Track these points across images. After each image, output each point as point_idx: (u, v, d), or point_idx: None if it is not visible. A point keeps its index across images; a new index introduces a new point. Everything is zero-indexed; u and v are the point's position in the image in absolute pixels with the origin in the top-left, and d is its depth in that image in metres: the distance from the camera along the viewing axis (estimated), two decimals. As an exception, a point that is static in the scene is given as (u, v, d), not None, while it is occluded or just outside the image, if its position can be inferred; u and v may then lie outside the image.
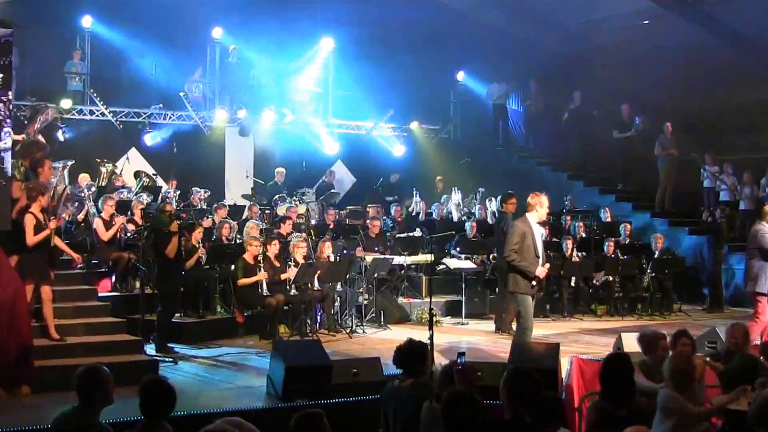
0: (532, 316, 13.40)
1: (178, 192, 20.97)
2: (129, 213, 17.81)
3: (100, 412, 7.41)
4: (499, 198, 19.12)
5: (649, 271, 19.78)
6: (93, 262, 16.80)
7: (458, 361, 8.05)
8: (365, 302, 18.13)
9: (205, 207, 20.56)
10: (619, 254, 20.29)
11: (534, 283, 13.22)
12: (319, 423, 6.51)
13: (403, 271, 20.00)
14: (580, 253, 20.24)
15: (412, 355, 8.47)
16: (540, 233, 13.51)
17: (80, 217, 17.34)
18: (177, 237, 14.89)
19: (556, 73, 27.59)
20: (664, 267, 19.92)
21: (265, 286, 16.41)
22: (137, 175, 21.41)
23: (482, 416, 6.59)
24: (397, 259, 19.39)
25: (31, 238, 12.92)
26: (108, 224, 16.89)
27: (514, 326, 15.95)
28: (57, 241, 13.43)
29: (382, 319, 18.07)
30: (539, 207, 13.35)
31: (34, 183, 13.70)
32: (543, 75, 27.92)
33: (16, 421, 10.43)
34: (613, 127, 25.22)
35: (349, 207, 24.05)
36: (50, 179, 14.63)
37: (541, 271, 13.23)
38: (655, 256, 20.13)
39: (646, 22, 26.24)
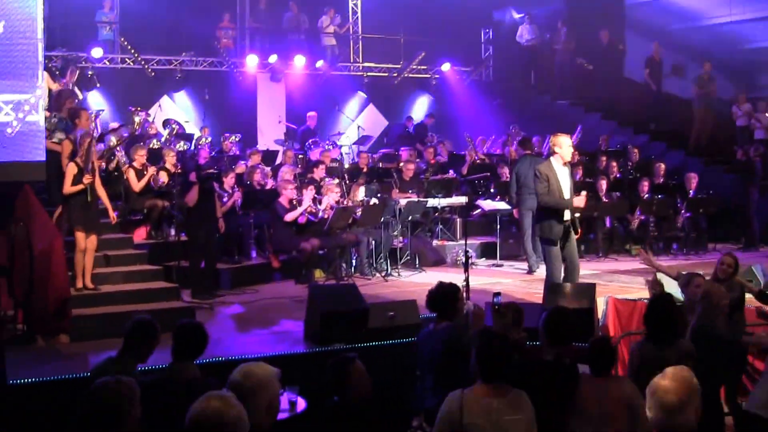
0: (559, 265, 13.19)
1: (210, 138, 20.96)
2: (161, 161, 17.81)
3: (136, 364, 7.44)
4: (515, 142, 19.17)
5: (683, 210, 19.67)
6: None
7: (494, 300, 8.03)
8: (400, 245, 18.12)
9: (237, 153, 20.53)
10: (654, 194, 20.17)
11: (567, 217, 13.03)
12: (353, 366, 6.54)
13: (437, 214, 19.97)
14: (614, 193, 20.14)
15: (444, 298, 8.45)
16: (566, 175, 13.16)
17: (111, 166, 17.37)
18: (197, 187, 14.88)
19: (587, 13, 27.30)
20: (698, 206, 19.78)
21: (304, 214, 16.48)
22: (165, 123, 21.40)
23: (513, 357, 6.58)
24: (432, 202, 19.33)
25: (67, 188, 13.03)
26: (140, 173, 16.88)
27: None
28: (102, 195, 13.52)
29: (417, 262, 18.09)
30: (558, 148, 13.15)
31: (80, 132, 13.79)
32: (573, 15, 27.63)
33: (56, 370, 10.52)
34: (645, 66, 25.00)
35: (381, 150, 23.98)
36: (89, 128, 14.67)
37: (580, 200, 13.06)
38: (690, 195, 19.99)
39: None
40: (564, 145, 13.16)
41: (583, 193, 13.39)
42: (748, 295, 10.37)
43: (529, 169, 16.98)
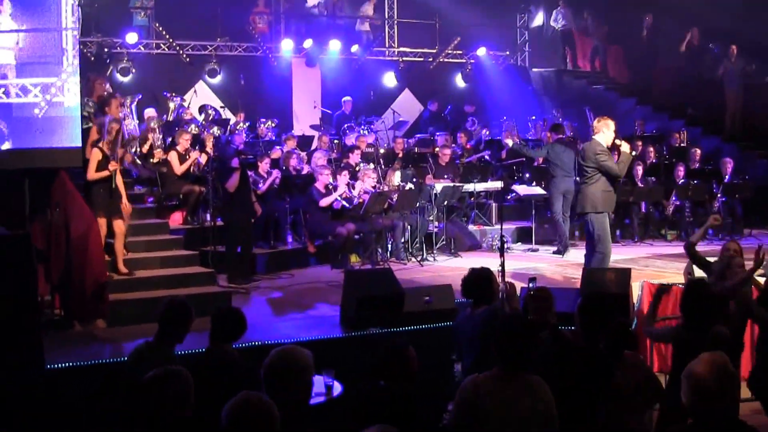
0: (610, 239, 13.43)
1: (247, 124, 20.99)
2: (199, 146, 17.85)
3: (174, 347, 7.47)
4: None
5: (719, 195, 19.57)
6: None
7: (530, 286, 8.02)
8: (435, 230, 18.12)
9: (273, 138, 20.55)
10: (690, 180, 20.08)
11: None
12: (407, 352, 6.57)
13: (472, 199, 19.93)
14: (650, 179, 20.06)
15: (478, 283, 8.44)
16: None
17: (144, 149, 17.42)
18: (238, 173, 14.93)
19: None
20: (734, 192, 19.68)
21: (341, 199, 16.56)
22: (201, 109, 21.42)
23: (534, 343, 6.55)
24: (467, 187, 19.30)
25: (92, 173, 13.14)
26: (183, 158, 16.95)
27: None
28: (119, 182, 13.55)
29: (453, 247, 18.07)
30: (605, 129, 13.46)
31: (103, 120, 13.84)
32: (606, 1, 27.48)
33: (93, 354, 10.62)
34: (683, 52, 24.82)
35: (417, 135, 23.94)
36: (118, 116, 14.72)
37: (626, 145, 13.63)
38: (725, 180, 19.88)
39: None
40: (610, 128, 13.59)
41: (623, 142, 13.78)
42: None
43: (563, 153, 17.21)
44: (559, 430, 6.12)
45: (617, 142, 13.56)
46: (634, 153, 13.66)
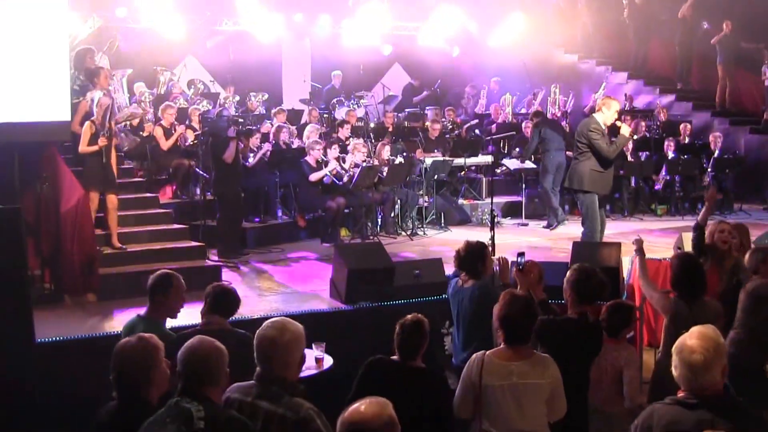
0: (599, 217, 13.45)
1: (236, 98, 20.94)
2: (187, 120, 17.83)
3: (165, 320, 7.46)
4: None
5: (709, 170, 19.61)
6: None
7: (518, 261, 8.01)
8: (426, 204, 18.14)
9: (263, 112, 20.51)
10: (680, 154, 20.12)
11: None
12: (423, 327, 6.59)
13: (462, 173, 19.95)
14: (640, 153, 20.10)
15: (472, 256, 8.46)
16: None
17: (135, 122, 17.37)
18: (235, 142, 14.91)
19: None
20: (724, 166, 19.73)
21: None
22: (190, 84, 21.35)
23: (536, 318, 6.59)
24: (457, 161, 19.31)
25: (84, 147, 13.14)
26: (168, 132, 16.90)
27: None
28: (111, 157, 13.48)
29: (443, 221, 18.11)
30: (606, 109, 13.50)
31: (97, 93, 13.81)
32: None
33: (84, 328, 10.62)
34: (676, 27, 24.77)
35: (407, 110, 23.91)
36: (107, 88, 14.67)
37: (626, 128, 13.85)
38: (715, 155, 19.92)
39: None
40: (612, 109, 13.56)
41: (624, 124, 14.08)
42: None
43: (551, 132, 17.53)
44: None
45: (618, 123, 13.62)
46: (634, 137, 13.72)
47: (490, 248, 10.94)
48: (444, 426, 6.40)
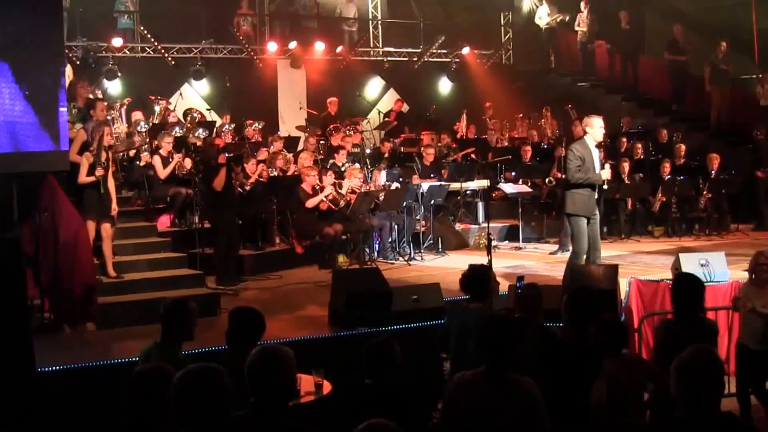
0: (586, 240, 13.42)
1: (233, 125, 20.99)
2: (185, 149, 17.87)
3: (182, 346, 7.46)
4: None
5: (705, 191, 19.64)
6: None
7: (517, 285, 8.07)
8: (422, 229, 18.17)
9: (260, 139, 20.55)
10: (676, 175, 20.14)
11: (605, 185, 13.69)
12: (392, 350, 6.60)
13: (459, 197, 19.99)
14: (636, 175, 20.13)
15: (476, 279, 8.50)
16: (597, 155, 13.52)
17: (131, 153, 17.41)
18: (225, 170, 14.96)
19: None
20: (720, 187, 19.76)
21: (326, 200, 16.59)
22: (186, 113, 21.34)
23: (518, 342, 6.55)
24: (454, 186, 19.35)
25: (82, 178, 13.19)
26: (165, 161, 16.96)
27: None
28: (110, 186, 13.53)
29: (440, 246, 18.14)
30: (589, 128, 13.55)
31: (93, 124, 13.88)
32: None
33: (83, 356, 10.62)
34: (665, 48, 24.84)
35: (402, 135, 23.97)
36: (103, 119, 14.74)
37: (606, 172, 13.53)
38: (711, 176, 19.95)
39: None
40: (595, 126, 13.58)
41: (607, 165, 13.92)
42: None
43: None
44: (549, 427, 6.15)
45: (607, 166, 13.71)
46: (605, 184, 13.68)
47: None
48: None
